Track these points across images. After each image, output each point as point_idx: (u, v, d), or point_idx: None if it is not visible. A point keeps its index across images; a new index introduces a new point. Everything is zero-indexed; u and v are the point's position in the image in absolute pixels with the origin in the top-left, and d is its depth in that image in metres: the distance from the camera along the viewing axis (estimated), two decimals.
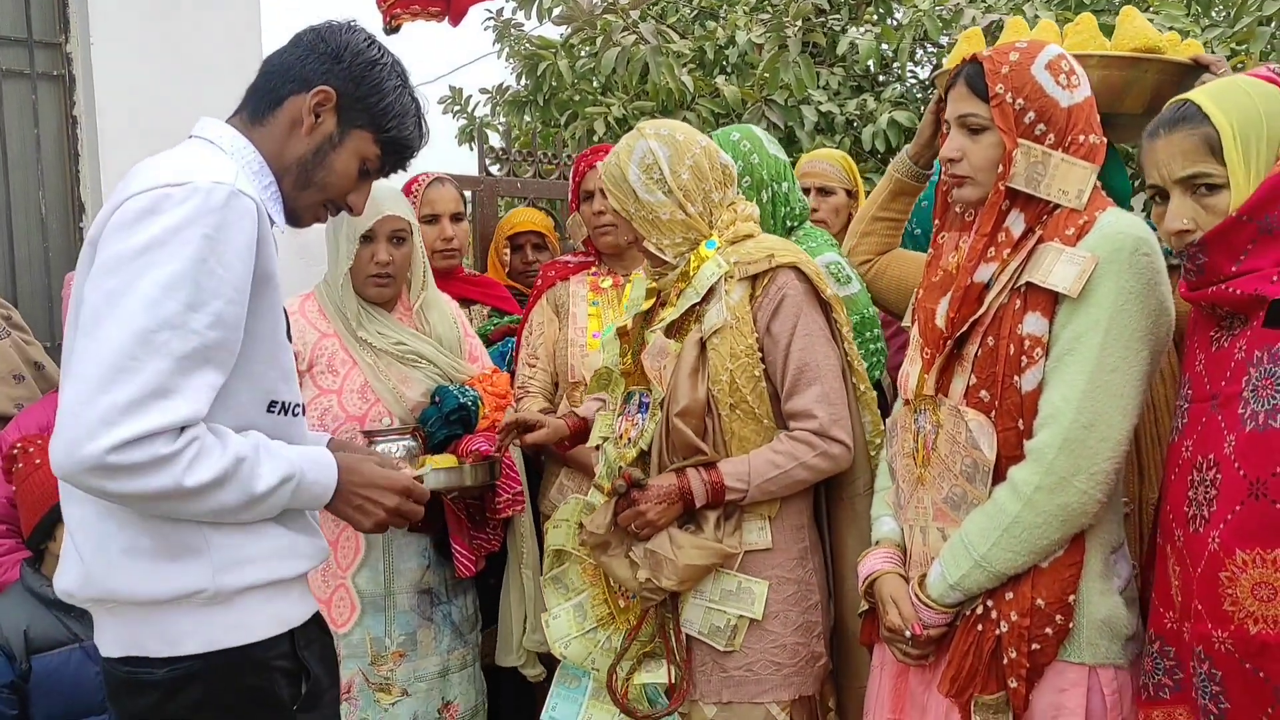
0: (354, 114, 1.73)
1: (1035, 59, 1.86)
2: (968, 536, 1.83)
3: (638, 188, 2.20)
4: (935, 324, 1.92)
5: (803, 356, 2.15)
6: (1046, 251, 1.81)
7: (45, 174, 3.75)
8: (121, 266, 1.47)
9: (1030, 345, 1.79)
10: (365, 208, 2.56)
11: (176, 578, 1.56)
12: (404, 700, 2.68)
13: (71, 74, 3.75)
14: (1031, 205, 1.85)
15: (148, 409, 1.44)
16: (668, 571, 2.12)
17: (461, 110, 7.36)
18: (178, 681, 1.58)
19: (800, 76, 5.20)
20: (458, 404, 2.65)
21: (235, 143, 1.68)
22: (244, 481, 1.55)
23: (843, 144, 5.52)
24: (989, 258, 1.86)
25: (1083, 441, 1.73)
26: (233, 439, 1.57)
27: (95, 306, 1.47)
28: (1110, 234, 1.77)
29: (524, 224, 3.78)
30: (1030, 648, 1.78)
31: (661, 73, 5.30)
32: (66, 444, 1.43)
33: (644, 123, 2.29)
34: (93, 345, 1.45)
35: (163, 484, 1.47)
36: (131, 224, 1.49)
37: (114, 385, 1.43)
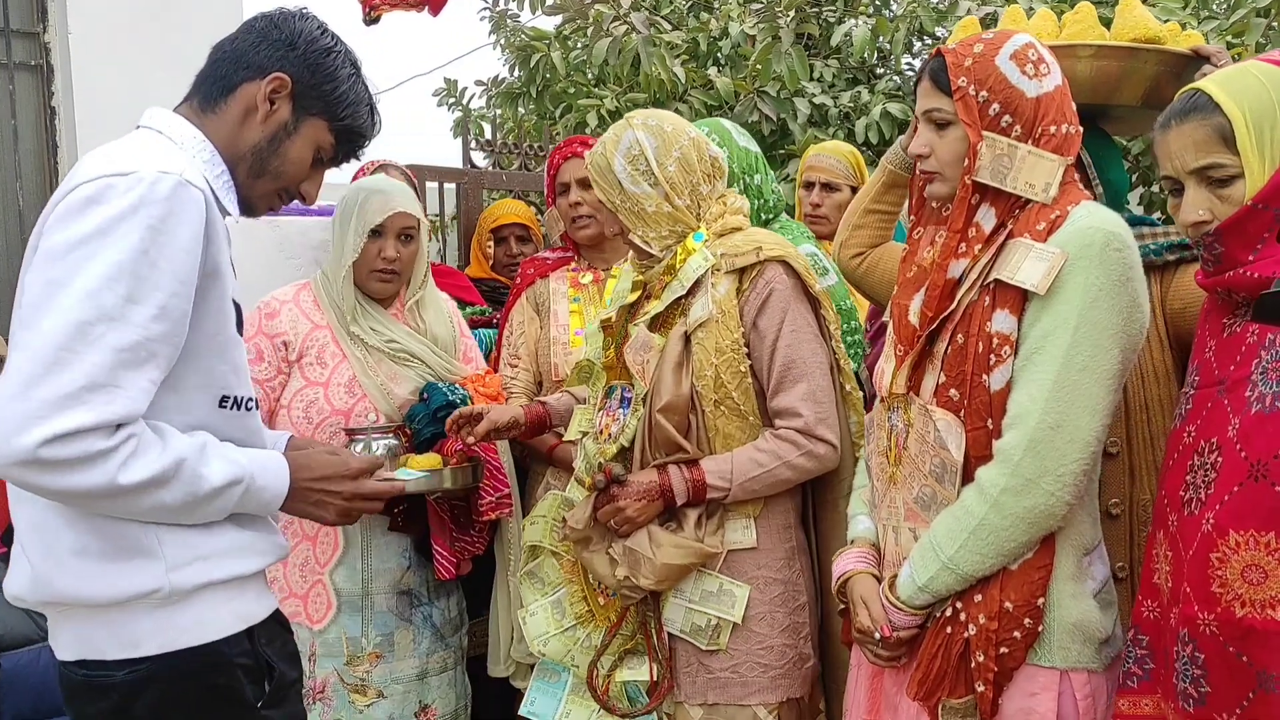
0: (309, 101, 1.70)
1: (1000, 49, 1.81)
2: (935, 538, 1.79)
3: (623, 179, 2.16)
4: (909, 320, 1.89)
5: (789, 353, 2.11)
6: (1016, 247, 1.77)
7: (22, 165, 3.70)
8: (62, 257, 1.43)
9: (999, 344, 1.75)
10: (378, 202, 2.56)
11: (128, 578, 1.53)
12: (380, 702, 2.65)
13: (50, 64, 3.70)
14: (1002, 199, 1.81)
15: (81, 403, 1.39)
16: (646, 570, 2.08)
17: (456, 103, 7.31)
18: (137, 684, 1.54)
19: (793, 68, 5.14)
20: (446, 401, 2.62)
21: (184, 131, 1.65)
22: (185, 482, 1.51)
23: (836, 136, 5.45)
24: (960, 253, 1.82)
25: (1049, 443, 1.69)
26: (175, 438, 1.52)
27: (34, 298, 1.43)
28: (1081, 229, 1.73)
29: (507, 216, 3.73)
30: (998, 651, 1.74)
31: (653, 63, 5.24)
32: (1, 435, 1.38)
33: (632, 112, 2.25)
34: (29, 336, 1.41)
35: (96, 481, 1.42)
36: (74, 214, 1.45)
37: (48, 378, 1.38)
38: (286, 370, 2.63)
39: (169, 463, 1.49)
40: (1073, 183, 1.83)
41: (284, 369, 2.63)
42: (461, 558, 2.70)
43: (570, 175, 2.99)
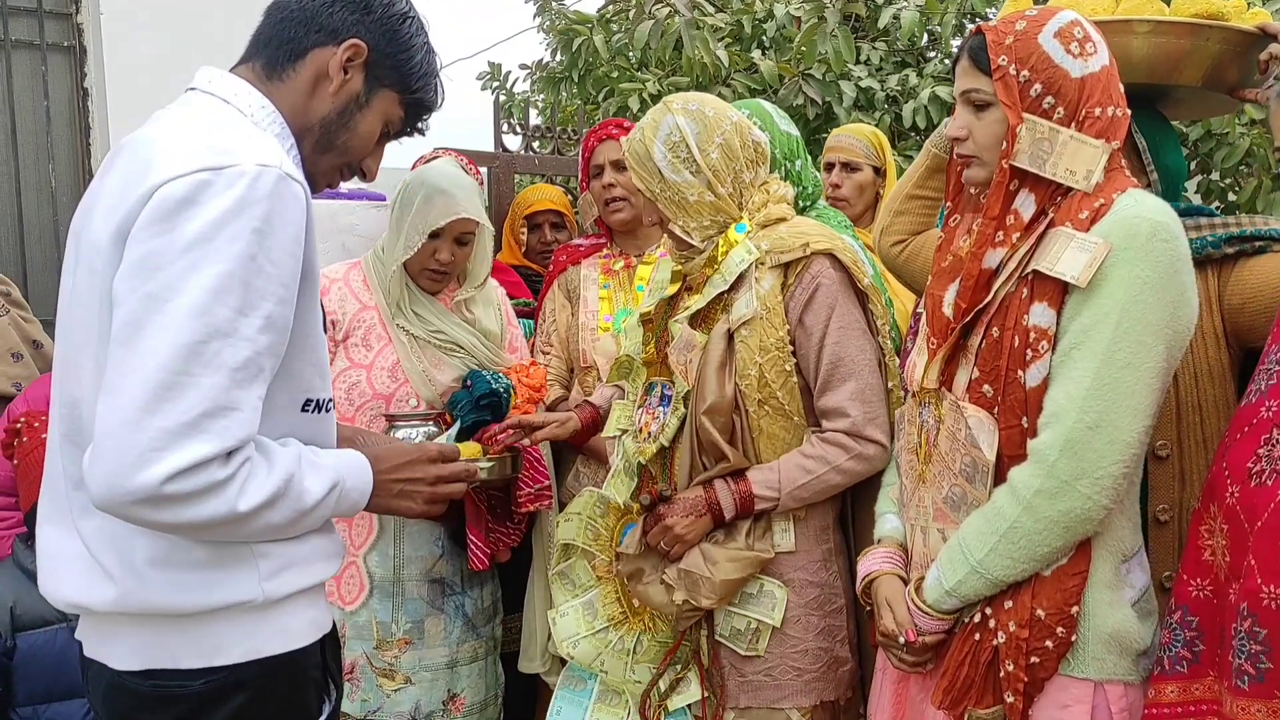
0: (383, 72, 1.56)
1: (1044, 27, 1.70)
2: (965, 541, 1.71)
3: (664, 167, 2.07)
4: (942, 312, 1.79)
5: (837, 350, 2.02)
6: (1057, 237, 1.66)
7: (55, 146, 3.70)
8: (161, 267, 1.29)
9: (1036, 338, 1.65)
10: (442, 205, 2.52)
11: (224, 587, 1.42)
12: (407, 688, 2.63)
13: (82, 45, 3.69)
14: (1042, 185, 1.70)
15: (202, 431, 1.28)
16: (705, 590, 2.02)
17: (501, 86, 7.27)
18: (213, 694, 1.43)
19: (839, 50, 5.02)
20: (489, 389, 2.58)
21: (252, 100, 1.49)
22: (293, 498, 1.41)
23: (883, 120, 5.34)
24: (997, 242, 1.72)
25: (1087, 443, 1.60)
26: (277, 453, 1.41)
27: (133, 313, 1.29)
28: (1126, 218, 1.62)
29: (541, 203, 3.66)
30: (1029, 661, 1.66)
31: (696, 46, 5.15)
32: (111, 474, 1.26)
33: (671, 96, 2.16)
34: (134, 358, 1.27)
35: (215, 511, 1.31)
36: (170, 216, 1.30)
37: (163, 405, 1.26)
38: (333, 349, 2.61)
39: (279, 481, 1.38)
40: (1119, 169, 1.72)
41: (330, 347, 2.61)
42: (496, 548, 2.66)
43: (604, 157, 2.93)
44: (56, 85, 3.69)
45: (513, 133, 4.28)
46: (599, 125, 3.07)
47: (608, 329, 2.89)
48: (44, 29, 3.64)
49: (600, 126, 3.03)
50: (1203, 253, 1.92)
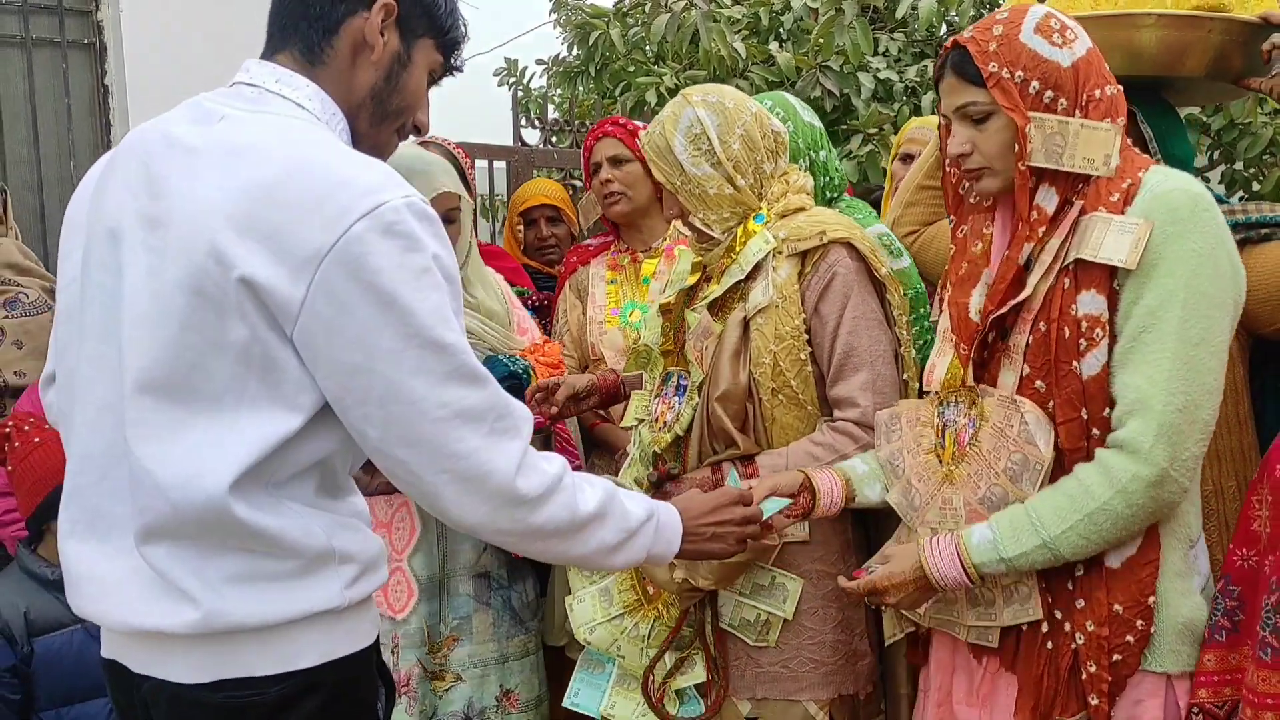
0: (414, 23, 1.49)
1: (1021, 26, 1.69)
2: (1038, 514, 1.65)
3: (684, 160, 2.06)
4: (969, 318, 1.77)
5: (850, 340, 2.02)
6: (1093, 223, 1.64)
7: (76, 143, 3.72)
8: (379, 328, 1.29)
9: (1089, 326, 1.62)
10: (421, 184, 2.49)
11: (308, 596, 1.39)
12: (458, 686, 2.58)
13: (103, 42, 3.71)
14: (1062, 177, 1.69)
15: (502, 433, 1.37)
16: (704, 571, 2.01)
17: (517, 82, 7.28)
18: (290, 699, 1.38)
19: (856, 42, 5.00)
20: (508, 372, 2.57)
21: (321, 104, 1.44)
22: (619, 516, 1.48)
23: (901, 112, 5.32)
24: (1028, 238, 1.70)
25: (1178, 427, 1.57)
26: (588, 475, 1.50)
27: (385, 374, 1.30)
28: (1163, 194, 1.61)
29: (536, 198, 3.64)
30: (1111, 659, 1.62)
31: (713, 39, 5.14)
32: (469, 499, 1.37)
33: (689, 89, 2.15)
34: (413, 410, 1.32)
35: (562, 515, 1.42)
36: (351, 285, 1.27)
37: (459, 432, 1.35)
38: None
39: (604, 495, 1.46)
40: (1129, 147, 1.72)
41: None
42: None
43: (601, 154, 2.95)
44: (77, 82, 3.71)
45: (531, 127, 4.28)
46: (597, 124, 3.08)
47: (614, 322, 2.91)
48: (64, 26, 3.67)
49: (598, 125, 3.05)
50: None
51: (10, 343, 2.93)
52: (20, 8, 3.59)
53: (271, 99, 1.42)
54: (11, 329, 2.94)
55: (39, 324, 2.96)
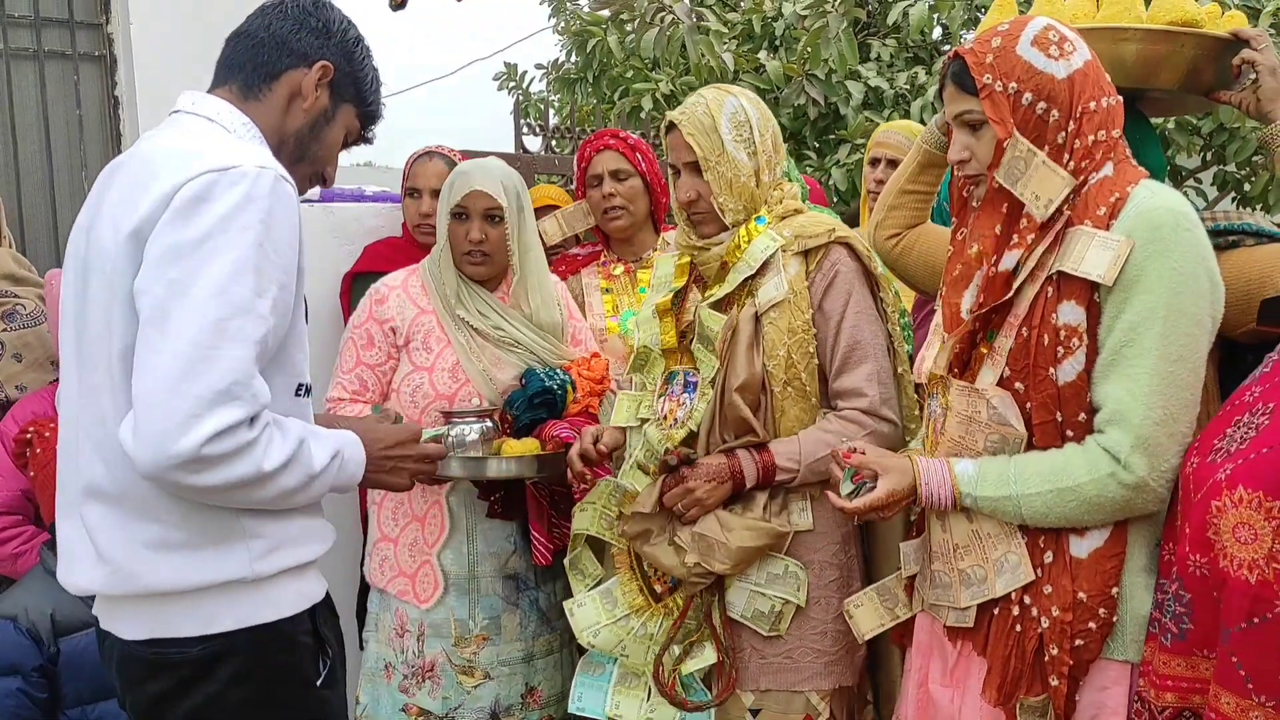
0: (344, 89, 1.75)
1: (1019, 38, 1.74)
2: (1019, 470, 1.74)
3: (727, 140, 2.14)
4: (960, 316, 1.84)
5: (854, 334, 2.12)
6: (1078, 236, 1.70)
7: (88, 155, 3.79)
8: (182, 256, 1.45)
9: (1066, 335, 1.70)
10: (459, 184, 2.61)
11: (215, 567, 1.57)
12: (486, 683, 2.67)
13: (113, 54, 3.78)
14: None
15: (234, 397, 1.44)
16: (720, 555, 2.07)
17: (516, 87, 7.36)
18: (210, 659, 1.58)
19: (843, 52, 5.08)
20: (542, 387, 2.62)
21: (235, 119, 1.66)
22: (304, 462, 1.57)
23: (891, 119, 5.40)
24: (1012, 245, 1.76)
25: (1157, 440, 1.65)
26: (287, 421, 1.58)
27: (159, 299, 1.45)
28: (1145, 211, 1.66)
29: (540, 200, 3.64)
30: (1073, 644, 1.70)
31: (700, 50, 5.21)
32: (155, 439, 1.41)
33: (724, 85, 2.24)
34: (165, 338, 1.43)
35: (245, 471, 1.47)
36: (185, 214, 1.47)
37: (196, 376, 1.42)
38: (396, 355, 2.67)
39: (294, 444, 1.55)
40: (1127, 160, 1.77)
41: (394, 354, 2.68)
42: (560, 543, 2.68)
43: (603, 167, 2.96)
44: (88, 94, 3.78)
45: (532, 133, 4.36)
46: (594, 135, 3.09)
47: (615, 330, 2.96)
48: (75, 39, 3.74)
49: (596, 136, 3.06)
50: None
51: (10, 356, 2.94)
52: (32, 21, 3.66)
53: (184, 117, 1.67)
54: (11, 342, 2.95)
55: (37, 335, 2.98)
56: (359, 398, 2.65)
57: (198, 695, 1.59)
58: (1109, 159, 1.74)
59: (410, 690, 2.67)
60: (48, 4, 3.69)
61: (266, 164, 1.54)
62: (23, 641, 2.45)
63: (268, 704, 1.63)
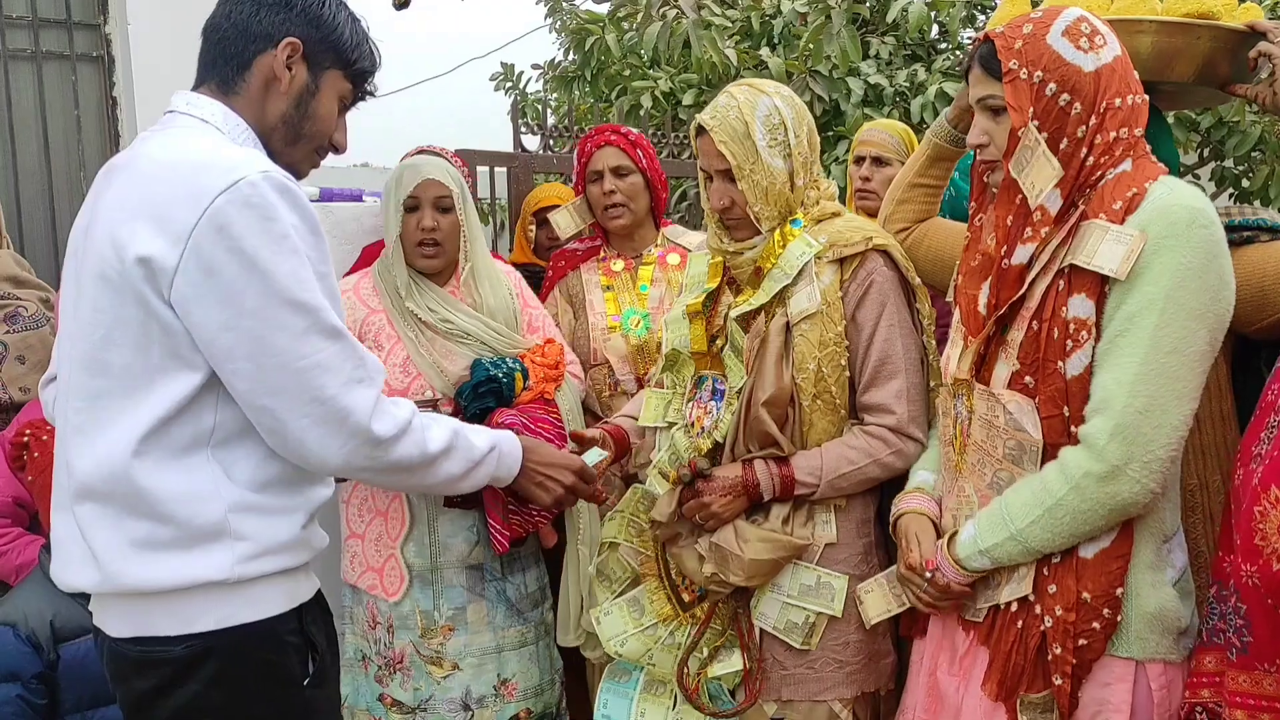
0: (321, 56, 1.70)
1: (1051, 27, 1.71)
2: (1008, 507, 1.74)
3: (761, 146, 2.04)
4: (977, 310, 1.82)
5: (885, 348, 2.04)
6: (1091, 230, 1.68)
7: (86, 154, 3.79)
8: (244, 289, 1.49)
9: (1075, 329, 1.68)
10: (409, 175, 2.61)
11: (197, 568, 1.56)
12: (456, 674, 2.69)
13: (111, 55, 3.78)
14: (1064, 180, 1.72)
15: (358, 381, 1.56)
16: (734, 567, 2.03)
17: (514, 86, 7.34)
18: (194, 658, 1.58)
19: (845, 48, 5.08)
20: (486, 375, 2.62)
21: (228, 121, 1.64)
22: (464, 449, 1.70)
23: (891, 116, 5.39)
24: (1026, 238, 1.74)
25: (1137, 428, 1.62)
26: (437, 415, 1.68)
27: (250, 330, 1.50)
28: (1163, 207, 1.64)
29: (550, 198, 3.69)
30: (1076, 643, 1.69)
31: (704, 46, 5.21)
32: (323, 441, 1.54)
33: (756, 80, 2.15)
34: (274, 360, 1.51)
35: (412, 453, 1.62)
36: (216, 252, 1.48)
37: (319, 380, 1.53)
38: None
39: (451, 433, 1.67)
40: (1146, 156, 1.75)
41: None
42: (518, 531, 2.67)
43: (603, 164, 2.94)
44: (86, 94, 3.78)
45: (531, 133, 4.35)
46: (594, 131, 3.06)
47: (616, 328, 2.94)
48: (73, 40, 3.73)
49: (596, 132, 3.03)
50: None
51: (14, 358, 2.94)
52: (30, 22, 3.66)
53: (179, 118, 1.65)
54: (14, 344, 2.95)
55: (40, 337, 2.97)
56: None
57: (182, 694, 1.59)
58: (1129, 156, 1.72)
59: (385, 681, 2.72)
60: (45, 5, 3.69)
61: (265, 166, 1.53)
62: (22, 648, 2.44)
63: (253, 703, 1.63)
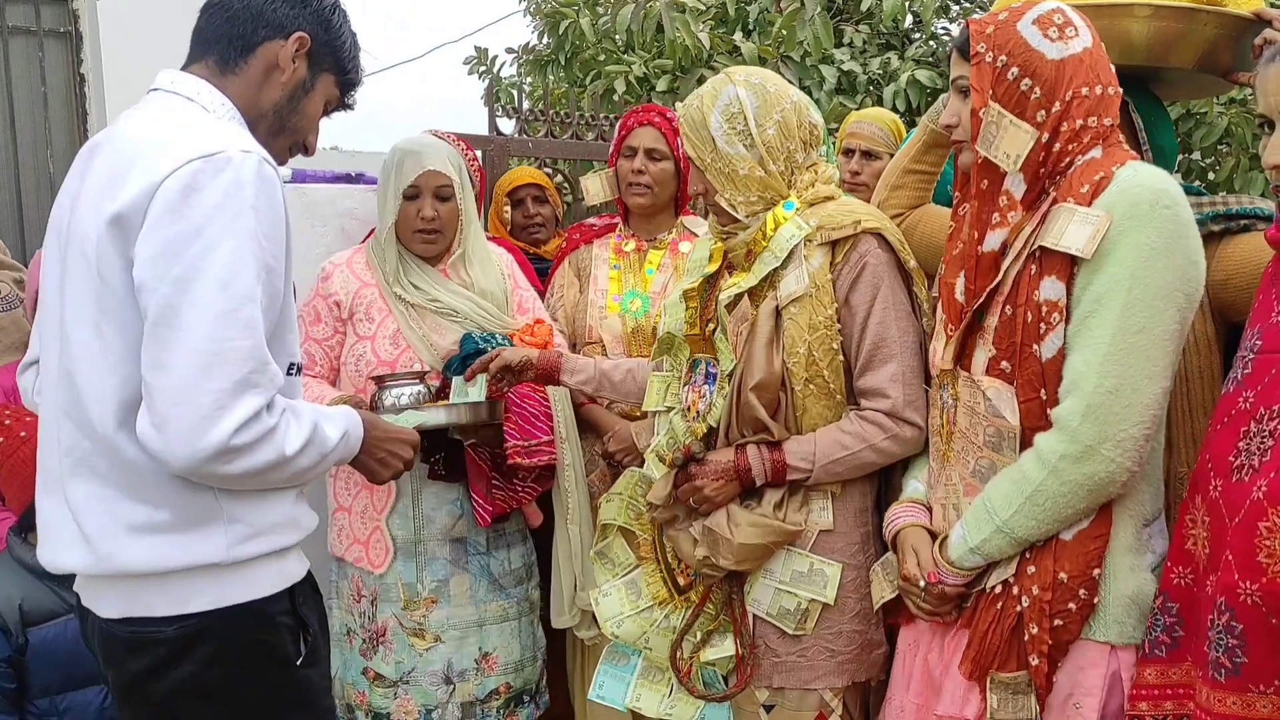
0: (322, 58, 1.73)
1: (1024, 15, 1.75)
2: (990, 501, 1.76)
3: (718, 137, 2.05)
4: (956, 299, 1.84)
5: (880, 331, 2.02)
6: (1060, 213, 1.71)
7: (53, 131, 3.73)
8: (179, 252, 1.46)
9: (1048, 311, 1.70)
10: (411, 163, 2.62)
11: (192, 551, 1.57)
12: (438, 646, 2.70)
13: (78, 31, 3.72)
14: (1027, 164, 1.75)
15: (253, 386, 1.48)
16: (724, 551, 2.03)
17: (487, 71, 7.29)
18: (187, 638, 1.58)
19: (818, 35, 5.08)
20: (475, 348, 2.62)
21: (214, 99, 1.65)
22: (319, 444, 1.61)
23: (864, 104, 5.41)
24: (995, 224, 1.77)
25: (1108, 407, 1.64)
26: (299, 405, 1.61)
27: (166, 297, 1.46)
28: (1127, 188, 1.66)
29: (522, 178, 3.70)
30: (1052, 624, 1.70)
31: (677, 29, 5.19)
32: (184, 436, 1.44)
33: (734, 69, 2.15)
34: (178, 335, 1.45)
35: (268, 457, 1.51)
36: (177, 206, 1.47)
37: (215, 370, 1.45)
38: (342, 330, 2.72)
39: (310, 428, 1.58)
40: (1118, 144, 1.77)
41: (340, 328, 2.72)
42: (501, 506, 2.70)
43: (640, 142, 2.93)
44: (53, 71, 3.72)
45: (506, 117, 4.32)
46: (643, 107, 3.06)
47: (615, 309, 2.93)
48: (40, 15, 3.67)
49: (644, 109, 3.02)
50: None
51: None
52: None
53: (165, 96, 1.65)
54: None
55: (13, 319, 2.93)
56: (307, 372, 2.67)
57: (176, 674, 1.58)
58: (1098, 144, 1.75)
59: (368, 654, 2.73)
60: None
61: (249, 147, 1.53)
62: None
63: (247, 683, 1.63)
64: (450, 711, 2.72)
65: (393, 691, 2.71)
